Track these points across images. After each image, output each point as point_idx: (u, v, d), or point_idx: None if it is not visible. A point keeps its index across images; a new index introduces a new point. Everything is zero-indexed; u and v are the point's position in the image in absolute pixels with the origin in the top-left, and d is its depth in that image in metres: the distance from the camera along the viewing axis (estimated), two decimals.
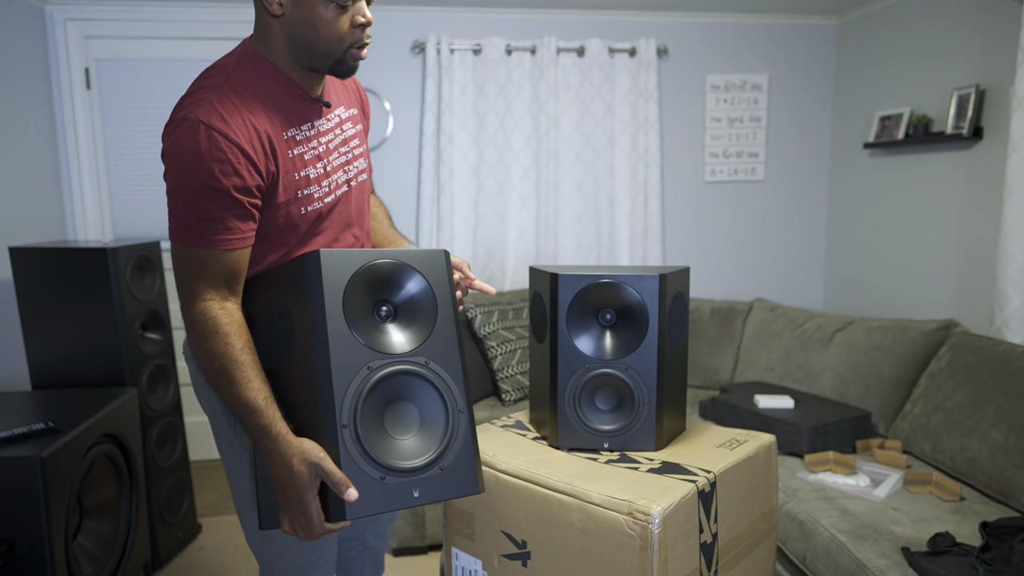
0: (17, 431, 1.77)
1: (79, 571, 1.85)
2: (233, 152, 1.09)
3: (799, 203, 3.63)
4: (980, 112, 2.63)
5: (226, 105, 1.11)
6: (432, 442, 1.09)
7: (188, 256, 1.13)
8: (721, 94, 3.46)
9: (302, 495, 1.06)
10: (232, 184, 1.10)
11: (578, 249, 3.42)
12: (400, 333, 1.11)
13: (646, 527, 1.04)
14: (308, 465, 1.04)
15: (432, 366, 1.10)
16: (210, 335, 1.12)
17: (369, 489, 1.04)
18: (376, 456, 1.04)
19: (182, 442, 2.59)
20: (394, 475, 1.05)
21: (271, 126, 1.15)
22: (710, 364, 3.13)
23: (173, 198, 1.12)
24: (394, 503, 1.05)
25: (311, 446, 1.05)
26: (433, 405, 1.10)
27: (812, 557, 1.86)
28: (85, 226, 3.07)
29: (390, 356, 1.08)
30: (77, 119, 3.01)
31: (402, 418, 1.09)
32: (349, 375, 1.05)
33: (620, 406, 1.31)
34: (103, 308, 2.25)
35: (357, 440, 1.04)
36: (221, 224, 1.11)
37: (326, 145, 1.25)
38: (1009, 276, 2.33)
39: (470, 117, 3.22)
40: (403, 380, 1.08)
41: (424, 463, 1.06)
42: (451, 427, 1.09)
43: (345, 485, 1.02)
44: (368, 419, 1.06)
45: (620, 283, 1.27)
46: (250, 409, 1.10)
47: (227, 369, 1.11)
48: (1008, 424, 1.96)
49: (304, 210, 1.23)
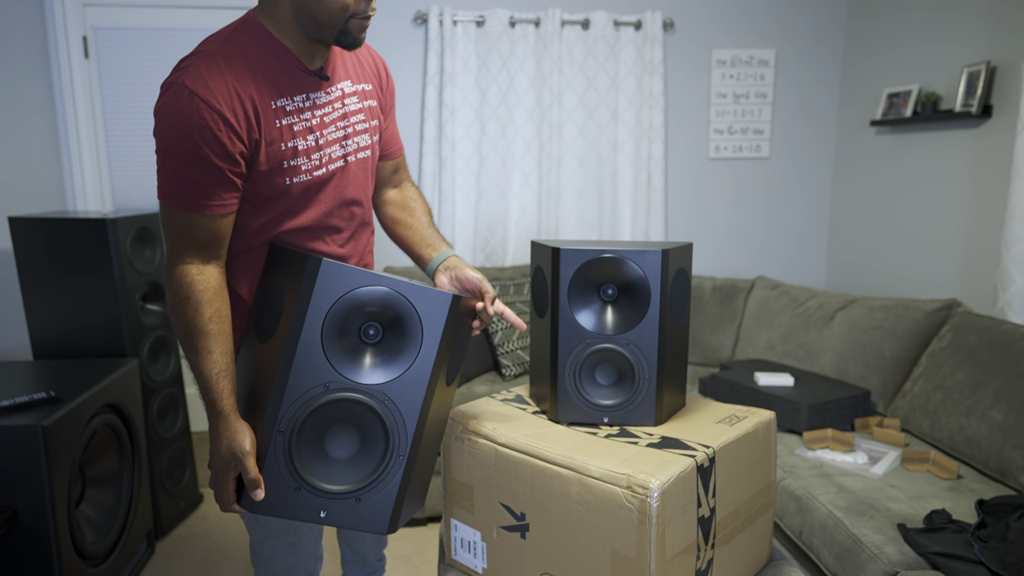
0: (19, 400, 1.78)
1: (82, 539, 1.87)
2: (214, 119, 1.09)
3: (803, 181, 3.60)
4: (990, 90, 2.60)
5: (213, 72, 1.11)
6: (360, 473, 1.11)
7: (171, 217, 1.15)
8: (727, 69, 3.42)
9: (220, 474, 1.12)
10: (213, 151, 1.11)
11: (580, 225, 3.40)
12: (374, 360, 1.11)
13: (645, 501, 1.04)
14: (231, 454, 1.10)
15: (390, 405, 1.10)
16: (183, 300, 1.15)
17: (281, 493, 1.09)
18: (299, 468, 1.08)
19: (183, 413, 2.60)
20: (309, 491, 1.09)
21: (258, 94, 1.15)
22: (711, 342, 3.13)
23: (159, 158, 1.14)
24: (300, 515, 1.10)
25: (242, 438, 1.10)
26: (376, 440, 1.11)
27: (808, 532, 1.88)
28: (85, 197, 3.05)
29: (352, 383, 1.09)
30: (75, 89, 2.98)
31: (343, 440, 1.11)
32: (304, 386, 1.07)
33: (620, 381, 1.31)
34: (103, 279, 2.25)
35: (287, 448, 1.08)
36: (201, 190, 1.13)
37: (321, 118, 1.24)
38: (1014, 256, 2.32)
39: (472, 90, 3.18)
40: (355, 407, 1.09)
41: (343, 491, 1.10)
42: (384, 467, 1.10)
43: (255, 486, 1.08)
44: (308, 430, 1.09)
45: (622, 258, 1.26)
46: (203, 379, 1.14)
47: (191, 335, 1.14)
48: (1008, 403, 1.96)
49: (289, 181, 1.22)
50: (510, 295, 2.93)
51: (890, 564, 1.62)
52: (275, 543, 1.41)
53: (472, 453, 1.30)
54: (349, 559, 1.84)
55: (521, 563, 1.25)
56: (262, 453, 1.09)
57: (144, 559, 2.31)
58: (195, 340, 1.14)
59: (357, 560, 1.84)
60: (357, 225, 1.37)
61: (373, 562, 1.85)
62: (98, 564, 1.96)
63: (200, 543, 2.46)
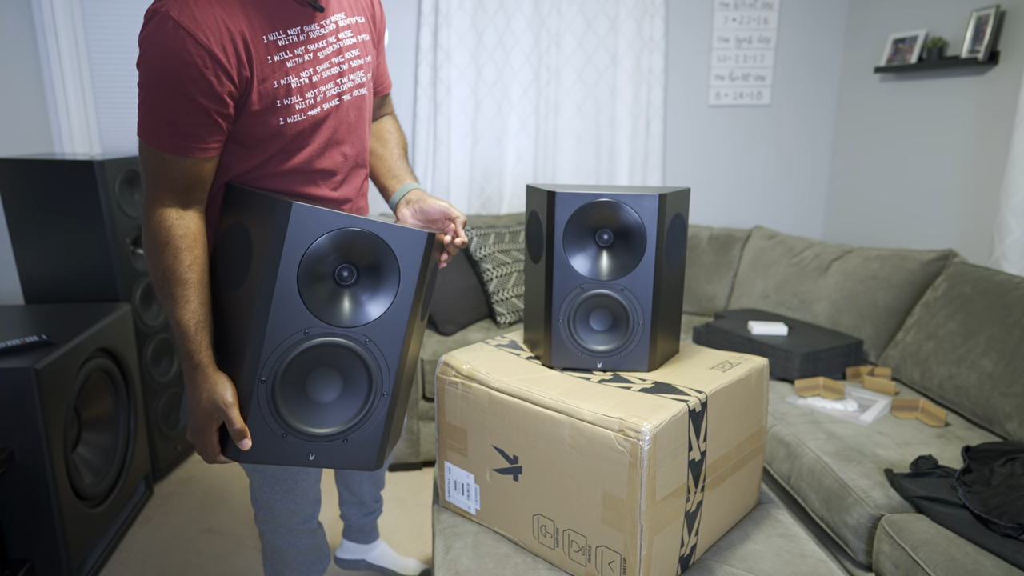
0: (11, 343, 1.78)
1: (80, 480, 1.89)
2: (201, 55, 1.03)
3: (804, 129, 3.55)
4: (998, 35, 2.54)
5: (201, 4, 1.04)
6: (345, 415, 1.11)
7: (151, 156, 1.10)
8: (730, 12, 3.33)
9: (203, 427, 1.11)
10: (198, 89, 1.04)
11: (577, 172, 3.36)
12: (352, 302, 1.09)
13: (636, 444, 1.05)
14: (213, 406, 1.09)
15: (371, 346, 1.09)
16: (161, 245, 1.11)
17: (268, 441, 1.09)
18: (284, 415, 1.08)
19: (178, 358, 2.60)
20: (296, 436, 1.09)
21: (249, 27, 1.08)
22: (706, 291, 3.13)
23: (141, 92, 1.08)
24: (289, 460, 1.10)
25: (223, 389, 1.09)
26: (359, 381, 1.10)
27: (796, 477, 1.91)
28: (72, 139, 2.98)
29: (331, 328, 1.07)
30: (58, 24, 2.87)
31: (325, 383, 1.11)
32: (283, 335, 1.05)
33: (615, 327, 1.30)
34: (93, 223, 2.22)
35: (271, 397, 1.07)
36: (184, 131, 1.07)
37: (314, 54, 1.17)
38: (1012, 207, 2.30)
39: (468, 31, 3.09)
40: (336, 351, 1.08)
41: (329, 433, 1.10)
42: (368, 407, 1.10)
43: (241, 436, 1.07)
44: (290, 378, 1.08)
45: (619, 202, 1.24)
46: (180, 330, 1.11)
47: (169, 283, 1.11)
48: (999, 352, 1.97)
49: (283, 121, 1.15)
50: (505, 243, 2.92)
51: (875, 507, 1.65)
52: (272, 489, 1.42)
53: (466, 398, 1.30)
54: (347, 500, 1.87)
55: (513, 505, 1.27)
56: (245, 403, 1.08)
57: (143, 500, 2.35)
58: (172, 288, 1.11)
59: (355, 502, 1.87)
60: (351, 167, 1.31)
61: (371, 503, 1.88)
62: (96, 505, 1.99)
63: (198, 485, 2.50)
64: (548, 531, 1.22)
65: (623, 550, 1.10)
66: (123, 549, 2.13)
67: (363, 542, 1.93)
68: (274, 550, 1.52)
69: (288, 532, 1.49)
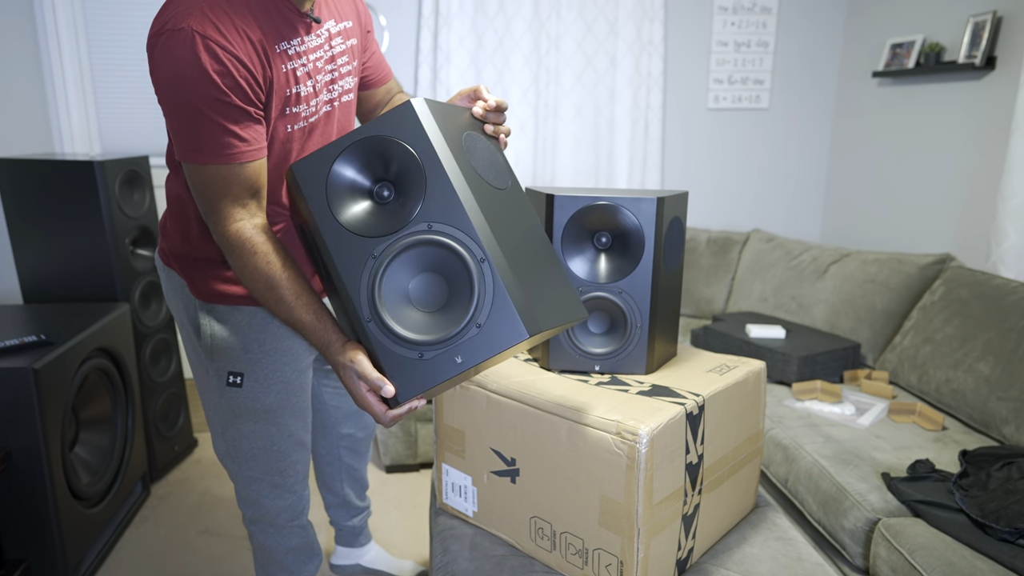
0: (9, 343, 1.77)
1: (77, 480, 1.89)
2: (233, 63, 1.03)
3: (802, 133, 3.56)
4: (995, 41, 2.55)
5: (219, 15, 1.04)
6: (463, 303, 1.02)
7: (206, 176, 1.09)
8: (729, 16, 3.34)
9: (357, 396, 1.07)
10: (238, 96, 1.05)
11: (576, 175, 3.36)
12: (396, 206, 1.05)
13: (634, 447, 1.05)
14: (348, 370, 1.05)
15: (436, 227, 1.02)
16: (250, 256, 1.10)
17: (411, 370, 1.03)
18: (407, 337, 1.02)
19: (176, 359, 2.61)
20: (431, 349, 1.03)
21: (264, 37, 1.09)
22: (704, 294, 3.14)
23: (176, 117, 1.06)
24: (440, 375, 1.03)
25: (349, 350, 1.06)
26: (452, 265, 1.03)
27: (794, 480, 1.91)
28: (72, 139, 2.99)
29: (389, 236, 1.03)
30: (59, 24, 2.88)
31: (428, 290, 1.05)
32: (357, 270, 1.03)
33: (612, 329, 1.31)
34: (92, 223, 2.22)
35: (385, 329, 1.03)
36: (235, 136, 1.07)
37: (314, 63, 1.20)
38: (1009, 211, 2.31)
39: (468, 34, 3.10)
40: (411, 254, 1.03)
41: (458, 329, 1.01)
42: (476, 281, 1.01)
43: (379, 383, 1.02)
44: (392, 304, 1.04)
45: (617, 205, 1.25)
46: (303, 326, 1.11)
47: (274, 288, 1.10)
48: (995, 357, 1.98)
49: (290, 128, 1.18)
50: None
51: (872, 511, 1.65)
52: (261, 486, 1.42)
53: (464, 399, 1.31)
54: (332, 503, 1.87)
55: (511, 507, 1.27)
56: (372, 352, 1.04)
57: (140, 501, 2.34)
58: (280, 292, 1.10)
59: (339, 503, 1.87)
60: None
61: (356, 503, 1.88)
62: (94, 505, 1.98)
63: (195, 486, 2.50)
64: (545, 533, 1.22)
65: (620, 553, 1.10)
66: (119, 550, 2.13)
67: (355, 545, 1.93)
68: (264, 551, 1.52)
69: (277, 531, 1.49)
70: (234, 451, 1.39)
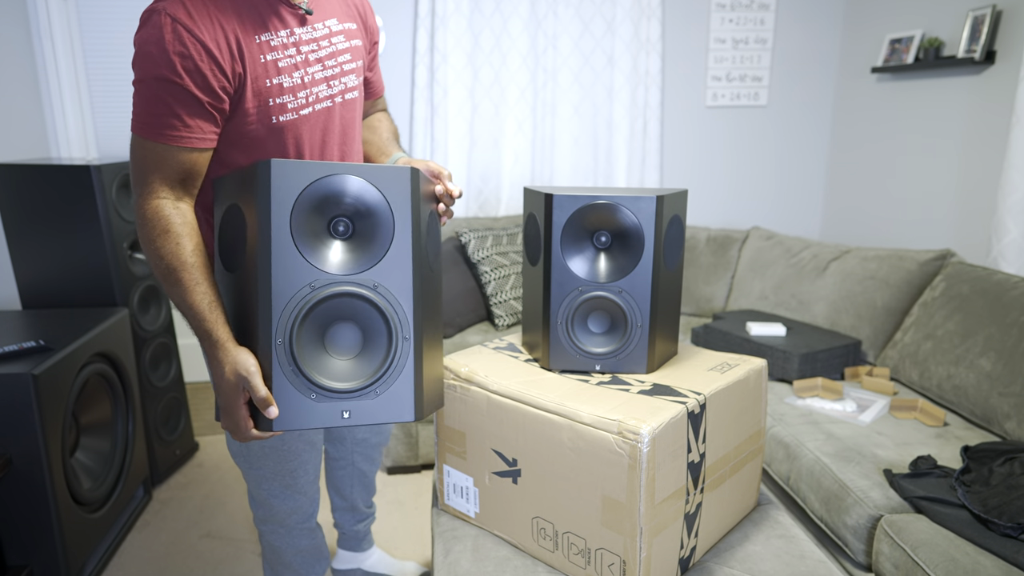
0: (8, 348, 1.77)
1: (78, 485, 1.88)
2: (196, 48, 1.07)
3: (801, 130, 3.55)
4: (994, 35, 2.54)
5: (195, 2, 1.09)
6: (371, 366, 1.08)
7: (145, 149, 1.12)
8: (727, 13, 3.33)
9: (231, 402, 1.08)
10: (194, 82, 1.08)
11: (574, 174, 3.36)
12: (353, 252, 1.07)
13: (635, 446, 1.04)
14: (237, 376, 1.06)
15: (381, 290, 1.07)
16: (161, 234, 1.11)
17: (298, 405, 1.06)
18: (308, 375, 1.05)
19: (176, 363, 2.60)
20: (325, 395, 1.06)
21: (241, 28, 1.12)
22: (704, 292, 3.13)
23: (137, 88, 1.11)
24: (322, 421, 1.07)
25: (245, 358, 1.06)
26: (377, 329, 1.08)
27: (796, 478, 1.91)
28: (68, 143, 2.98)
29: (337, 276, 1.05)
30: (54, 29, 2.87)
31: (344, 339, 1.08)
32: (289, 291, 1.04)
33: (613, 329, 1.30)
34: (90, 228, 2.21)
35: (291, 357, 1.04)
36: (179, 120, 1.10)
37: (306, 56, 1.21)
38: (1010, 206, 2.30)
39: (465, 34, 3.09)
40: (348, 302, 1.06)
41: (358, 387, 1.06)
42: (393, 353, 1.07)
43: (267, 403, 1.04)
44: (307, 337, 1.05)
45: (616, 204, 1.24)
46: (194, 312, 1.11)
47: (175, 270, 1.11)
48: (997, 352, 1.97)
49: (276, 119, 1.19)
50: (503, 245, 2.91)
51: (875, 508, 1.65)
52: (272, 485, 1.42)
53: (464, 400, 1.30)
54: (339, 506, 1.87)
55: (513, 507, 1.27)
56: (267, 370, 1.05)
57: (141, 506, 2.34)
58: (180, 274, 1.10)
59: (347, 507, 1.87)
60: None
61: (363, 509, 1.88)
62: (95, 510, 1.98)
63: (197, 490, 2.50)
64: (547, 534, 1.22)
65: (623, 552, 1.10)
66: (121, 554, 2.13)
67: (357, 550, 1.93)
68: (273, 551, 1.52)
69: (287, 532, 1.49)
70: (246, 449, 1.39)
